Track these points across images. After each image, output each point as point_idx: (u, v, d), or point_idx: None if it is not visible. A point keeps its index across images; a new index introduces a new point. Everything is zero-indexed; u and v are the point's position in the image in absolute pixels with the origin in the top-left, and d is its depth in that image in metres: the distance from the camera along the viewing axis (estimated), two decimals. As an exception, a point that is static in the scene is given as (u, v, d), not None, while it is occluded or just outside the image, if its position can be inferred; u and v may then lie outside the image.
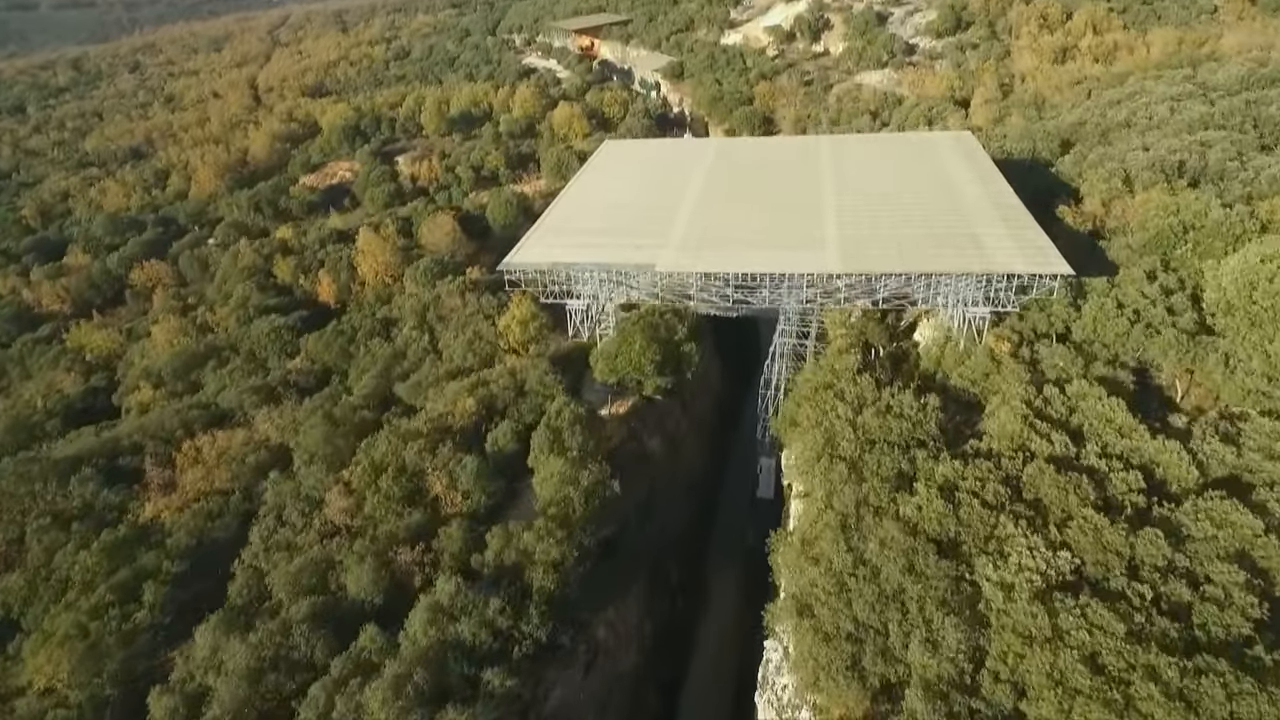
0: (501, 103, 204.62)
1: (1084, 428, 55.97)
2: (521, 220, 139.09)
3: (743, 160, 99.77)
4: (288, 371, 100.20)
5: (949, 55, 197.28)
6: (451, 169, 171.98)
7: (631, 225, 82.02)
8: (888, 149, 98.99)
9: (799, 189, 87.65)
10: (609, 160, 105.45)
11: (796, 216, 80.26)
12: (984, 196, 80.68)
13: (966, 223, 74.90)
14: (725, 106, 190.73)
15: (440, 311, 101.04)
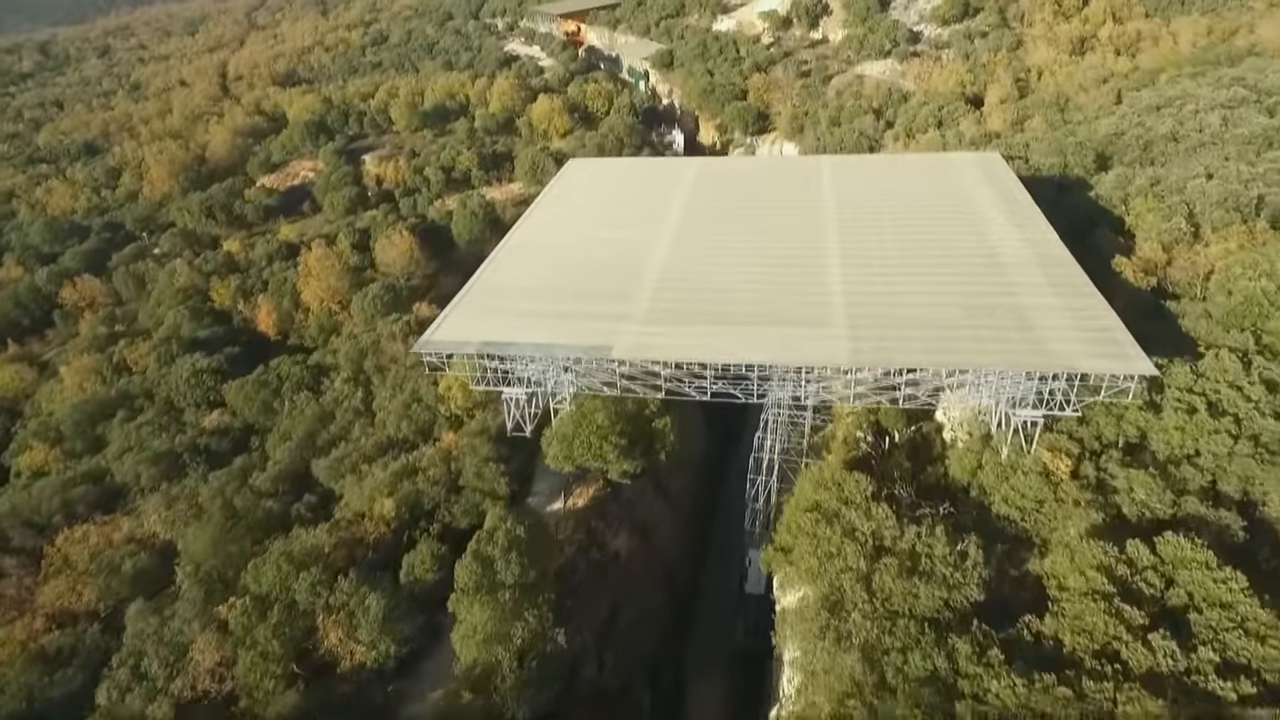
0: (479, 95, 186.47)
1: (1189, 612, 39.73)
2: (489, 235, 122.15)
3: (729, 190, 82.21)
4: (201, 430, 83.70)
5: (956, 44, 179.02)
6: (420, 170, 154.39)
7: (588, 284, 64.62)
8: (902, 176, 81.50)
9: (797, 234, 70.54)
10: (570, 187, 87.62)
11: (795, 276, 62.88)
12: (1025, 245, 63.73)
13: (1008, 286, 57.95)
14: (717, 100, 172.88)
15: (380, 360, 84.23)
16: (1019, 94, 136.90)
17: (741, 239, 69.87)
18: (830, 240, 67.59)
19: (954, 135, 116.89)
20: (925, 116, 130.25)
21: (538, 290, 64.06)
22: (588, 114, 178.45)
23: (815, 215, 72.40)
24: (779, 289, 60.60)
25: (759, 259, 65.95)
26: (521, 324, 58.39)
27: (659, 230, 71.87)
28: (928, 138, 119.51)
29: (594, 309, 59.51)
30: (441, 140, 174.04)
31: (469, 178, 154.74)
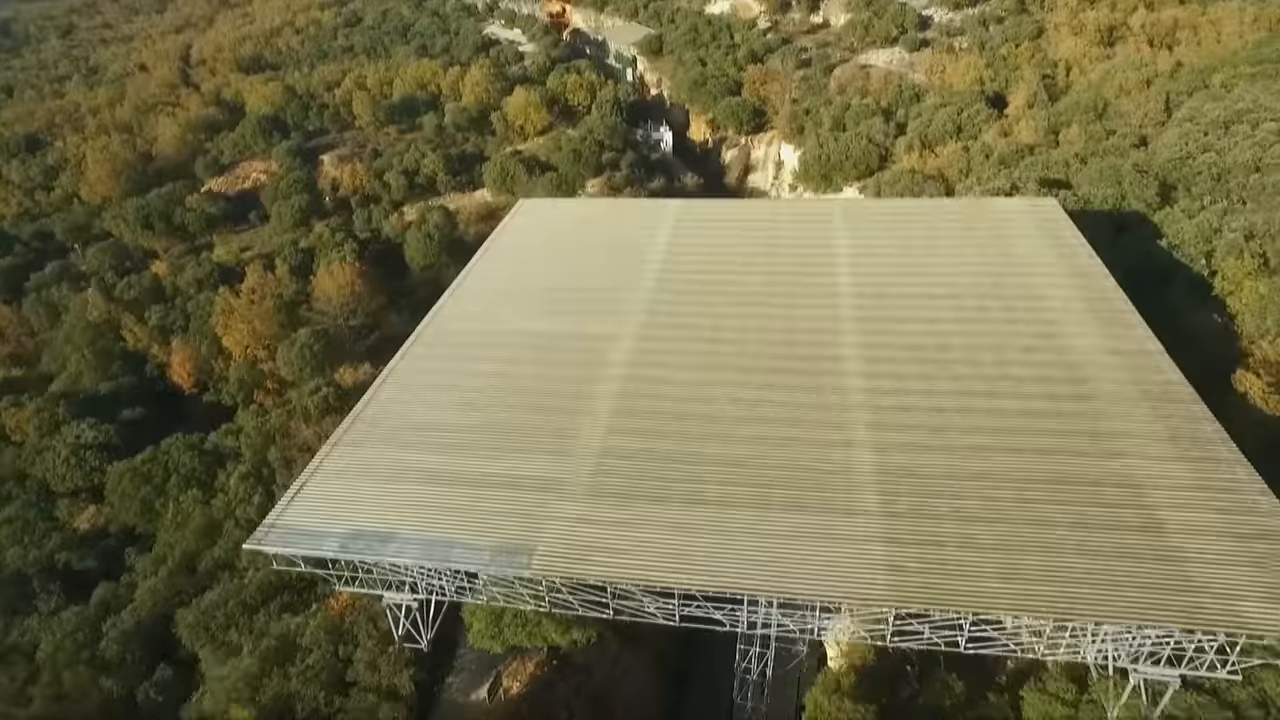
0: (451, 85, 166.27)
1: None
2: (446, 259, 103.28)
3: (714, 254, 62.28)
4: (71, 534, 65.76)
5: (970, 31, 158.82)
6: (380, 175, 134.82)
7: (510, 421, 45.73)
8: (938, 236, 61.78)
9: (806, 334, 51.38)
10: (515, 243, 67.74)
11: (804, 409, 43.96)
12: (1118, 361, 45.11)
13: (1109, 438, 39.49)
14: (709, 93, 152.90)
15: (288, 449, 66.07)
16: (1048, 95, 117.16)
17: (729, 342, 50.99)
18: (849, 345, 48.84)
19: (979, 150, 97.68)
20: (943, 122, 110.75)
21: (440, 434, 45.17)
22: (568, 108, 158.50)
23: (828, 302, 53.37)
24: (781, 437, 41.81)
25: (753, 377, 47.05)
26: (409, 499, 39.81)
27: (619, 322, 52.98)
28: (948, 152, 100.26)
29: (514, 470, 40.90)
30: (409, 137, 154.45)
31: (435, 183, 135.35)
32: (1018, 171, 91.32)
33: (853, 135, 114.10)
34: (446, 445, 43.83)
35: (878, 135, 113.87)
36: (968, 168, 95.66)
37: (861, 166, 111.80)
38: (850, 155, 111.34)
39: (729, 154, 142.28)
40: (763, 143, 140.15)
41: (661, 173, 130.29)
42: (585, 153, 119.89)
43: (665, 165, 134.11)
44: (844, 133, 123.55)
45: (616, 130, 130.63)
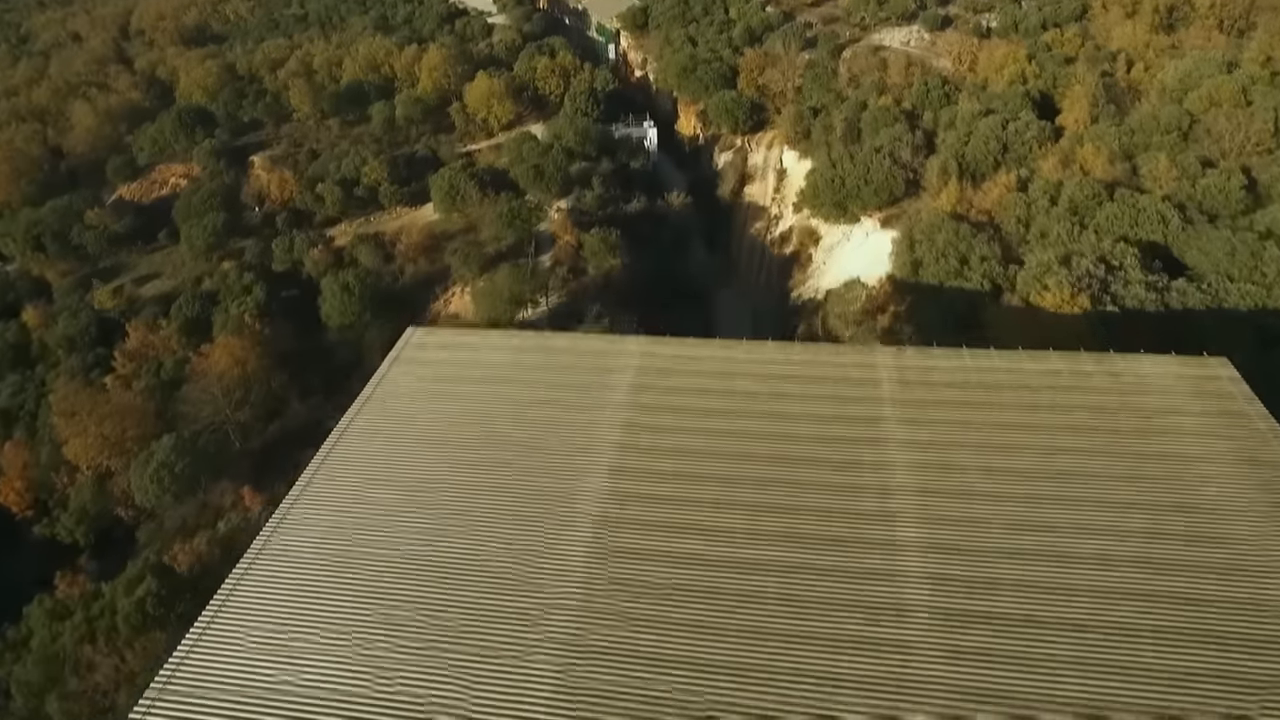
0: (407, 67, 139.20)
1: None
2: (369, 320, 79.24)
3: (692, 458, 35.88)
4: None
5: (1001, 9, 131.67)
6: (314, 184, 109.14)
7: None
8: (1057, 437, 34.93)
9: (848, 661, 27.41)
10: (394, 411, 41.05)
11: None
12: None
13: None
14: (699, 81, 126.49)
15: (77, 704, 42.55)
16: (1111, 102, 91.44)
17: (721, 649, 27.11)
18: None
19: (1040, 191, 72.60)
20: (985, 138, 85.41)
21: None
22: (539, 97, 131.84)
23: (883, 565, 28.63)
24: None
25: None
26: None
27: (534, 595, 28.58)
28: (999, 189, 75.29)
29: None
30: (356, 131, 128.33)
31: (377, 194, 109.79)
32: (1097, 221, 66.67)
33: (871, 151, 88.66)
34: None
35: (903, 152, 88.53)
36: (1028, 215, 70.83)
37: (884, 194, 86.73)
38: (870, 180, 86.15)
39: (722, 157, 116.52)
40: (762, 145, 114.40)
41: (642, 188, 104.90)
42: (550, 167, 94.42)
43: (647, 177, 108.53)
44: (860, 146, 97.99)
45: (590, 135, 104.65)
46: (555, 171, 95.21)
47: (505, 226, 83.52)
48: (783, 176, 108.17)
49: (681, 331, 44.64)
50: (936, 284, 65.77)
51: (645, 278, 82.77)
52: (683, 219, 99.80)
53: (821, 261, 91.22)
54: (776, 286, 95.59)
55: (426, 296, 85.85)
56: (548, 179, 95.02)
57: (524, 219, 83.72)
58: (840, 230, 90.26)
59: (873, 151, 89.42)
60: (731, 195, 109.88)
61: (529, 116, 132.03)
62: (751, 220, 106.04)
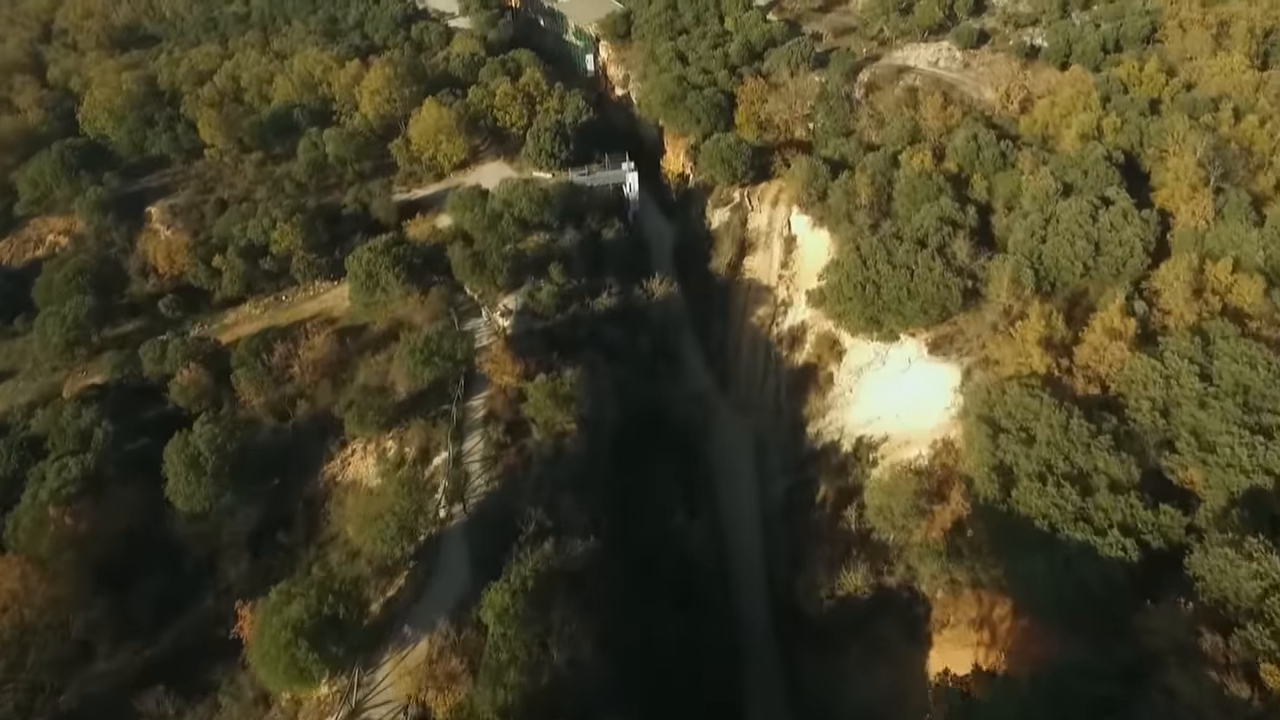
0: (347, 87, 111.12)
1: None
2: (231, 502, 53.22)
3: None
4: None
5: (1049, 24, 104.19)
6: (210, 256, 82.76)
7: None
8: None
9: None
10: None
11: None
12: None
13: None
14: (688, 113, 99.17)
15: None
16: (1225, 175, 65.24)
17: None
18: None
19: (1183, 363, 46.71)
20: (1068, 238, 59.24)
21: None
22: (498, 129, 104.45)
23: None
24: None
25: None
26: None
27: None
28: (1110, 345, 49.31)
29: None
30: (280, 170, 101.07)
31: (289, 267, 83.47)
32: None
33: (913, 246, 62.48)
34: None
35: (958, 249, 62.23)
36: (1167, 395, 44.98)
37: (935, 310, 60.74)
38: (917, 290, 60.09)
39: (717, 214, 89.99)
40: (765, 201, 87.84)
41: (617, 264, 78.78)
42: (493, 257, 68.18)
43: (624, 250, 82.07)
44: (893, 221, 71.79)
45: (550, 198, 77.99)
46: (501, 261, 68.82)
47: (421, 365, 57.46)
48: (792, 246, 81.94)
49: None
50: (1039, 524, 40.27)
51: (612, 432, 57.11)
52: (667, 313, 73.80)
53: (847, 386, 65.68)
54: (787, 408, 70.16)
55: (320, 451, 60.15)
56: (491, 270, 68.66)
57: (447, 356, 57.62)
58: (872, 348, 64.57)
59: (914, 246, 63.19)
60: (729, 270, 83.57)
61: (487, 152, 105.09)
62: (753, 304, 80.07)
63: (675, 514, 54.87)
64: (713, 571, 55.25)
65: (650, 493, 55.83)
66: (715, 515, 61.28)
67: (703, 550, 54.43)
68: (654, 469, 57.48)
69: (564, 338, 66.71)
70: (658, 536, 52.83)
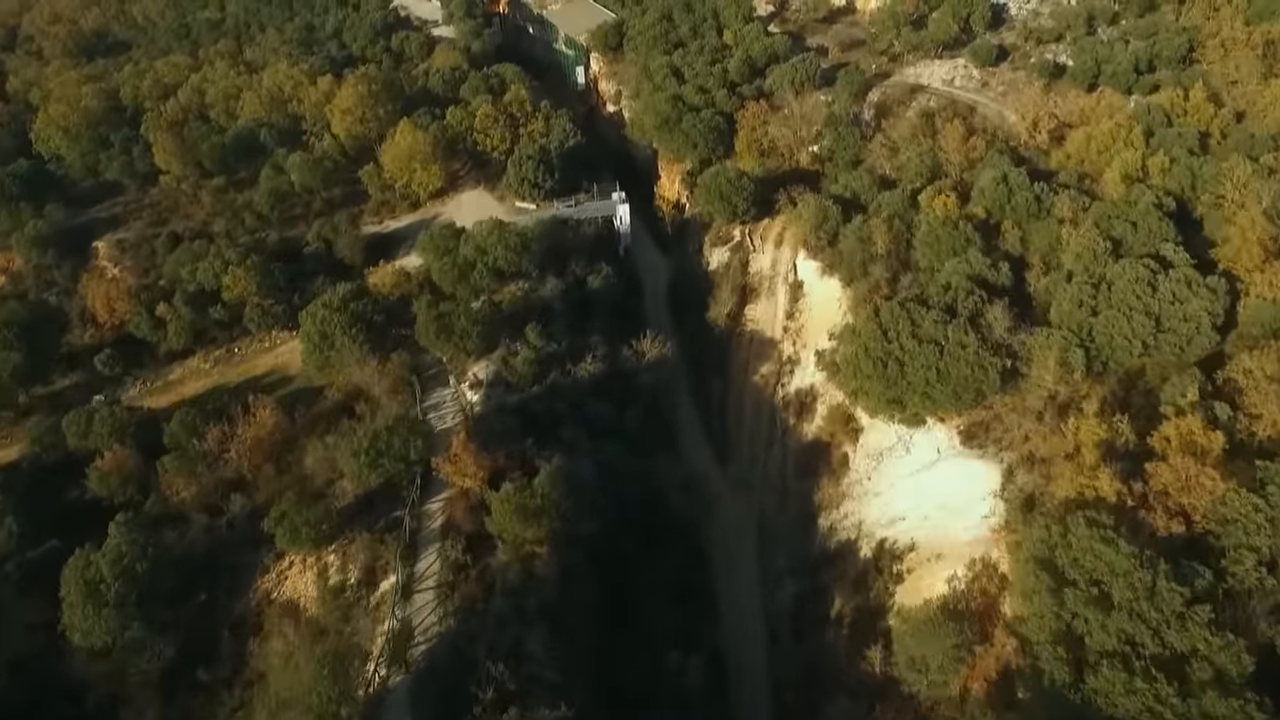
0: (317, 105, 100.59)
1: None
2: (136, 634, 42.89)
3: None
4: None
5: (1074, 40, 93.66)
6: (155, 303, 72.66)
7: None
8: None
9: None
10: None
11: None
12: None
13: None
14: (684, 137, 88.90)
15: None
16: None
17: None
18: None
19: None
20: (1123, 313, 49.32)
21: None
22: (478, 154, 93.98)
23: None
24: None
25: None
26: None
27: None
28: (1189, 467, 39.21)
29: None
30: (242, 199, 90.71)
31: (241, 316, 73.29)
32: None
33: (941, 318, 52.40)
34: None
35: (995, 322, 52.20)
36: (1275, 544, 35.06)
37: (969, 394, 50.76)
38: (947, 373, 50.11)
39: (715, 254, 79.99)
40: (769, 240, 77.79)
41: (604, 317, 68.67)
42: (461, 321, 58.07)
43: (612, 298, 71.83)
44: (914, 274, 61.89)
45: (529, 243, 67.75)
46: (470, 325, 58.73)
47: (367, 470, 47.51)
48: (798, 294, 71.93)
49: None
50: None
51: (594, 540, 47.28)
52: (660, 374, 63.83)
53: (864, 473, 55.88)
54: (795, 489, 60.32)
55: (255, 559, 50.28)
56: (459, 335, 58.58)
57: (399, 457, 47.67)
58: (894, 431, 54.55)
59: (943, 315, 53.12)
60: (728, 320, 73.50)
61: (466, 179, 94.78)
62: (755, 360, 70.09)
63: (670, 648, 45.04)
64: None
65: (640, 620, 46.07)
66: (716, 633, 51.45)
67: (701, 694, 44.59)
68: (645, 589, 47.66)
69: (541, 415, 56.75)
70: (649, 682, 43.09)
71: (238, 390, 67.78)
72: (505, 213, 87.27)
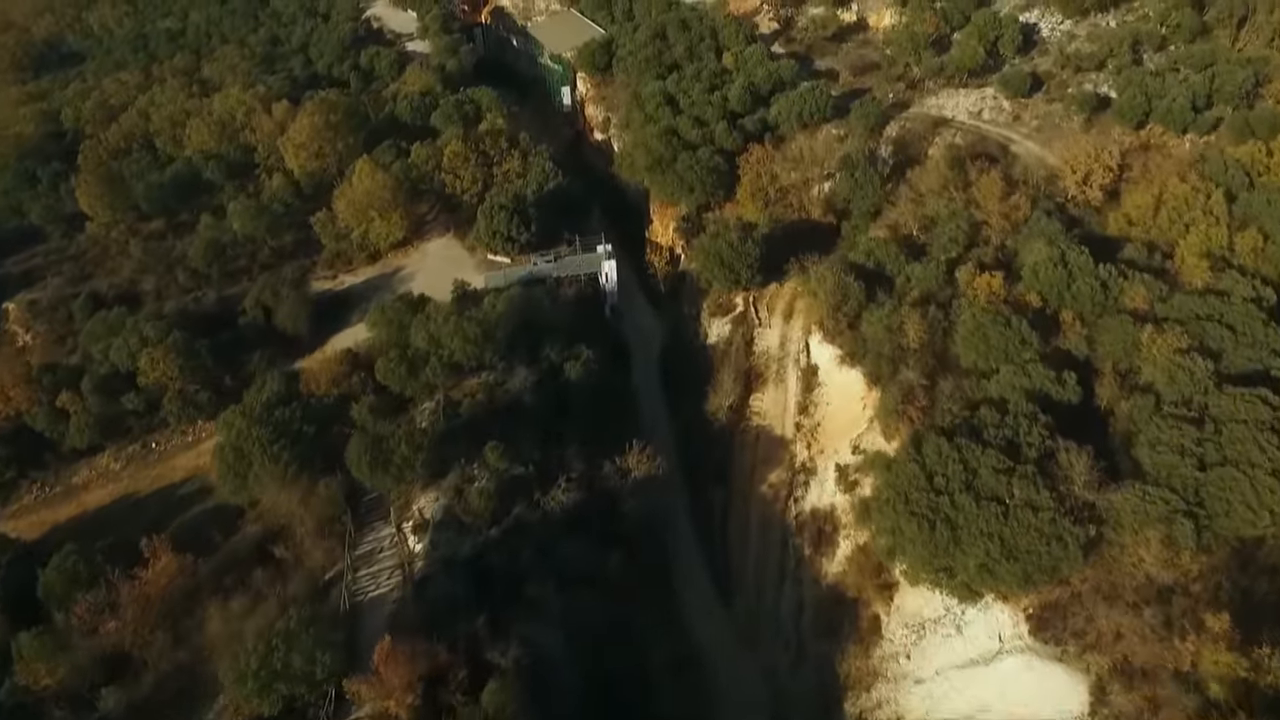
0: (271, 135, 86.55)
1: None
2: None
3: None
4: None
5: (1118, 69, 79.72)
6: (57, 390, 59.07)
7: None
8: None
9: None
10: None
11: None
12: None
13: None
14: (679, 181, 75.15)
15: None
16: None
17: None
18: None
19: None
20: (1245, 473, 35.94)
21: None
22: (447, 198, 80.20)
23: None
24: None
25: None
26: None
27: None
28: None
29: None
30: (180, 248, 77.06)
31: (163, 398, 59.93)
32: None
33: (1002, 465, 39.10)
34: None
35: (1076, 479, 38.84)
36: None
37: (1043, 573, 37.58)
38: (1015, 546, 36.85)
39: (715, 325, 66.67)
40: (777, 312, 64.47)
41: (581, 422, 55.20)
42: (402, 448, 44.97)
43: (591, 395, 58.10)
44: (955, 377, 48.70)
45: (493, 333, 54.31)
46: (413, 453, 45.43)
47: (256, 696, 34.38)
48: (813, 382, 58.76)
49: None
50: None
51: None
52: (651, 497, 50.71)
53: (901, 647, 43.01)
54: (813, 651, 47.30)
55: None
56: (399, 466, 45.29)
57: (301, 677, 34.60)
58: (940, 600, 41.44)
59: (1002, 461, 39.95)
60: (731, 414, 60.21)
61: (434, 224, 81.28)
62: (763, 465, 56.98)
63: None
64: None
65: None
66: None
67: None
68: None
69: (500, 569, 43.67)
70: None
71: (146, 505, 54.86)
72: (476, 266, 74.23)
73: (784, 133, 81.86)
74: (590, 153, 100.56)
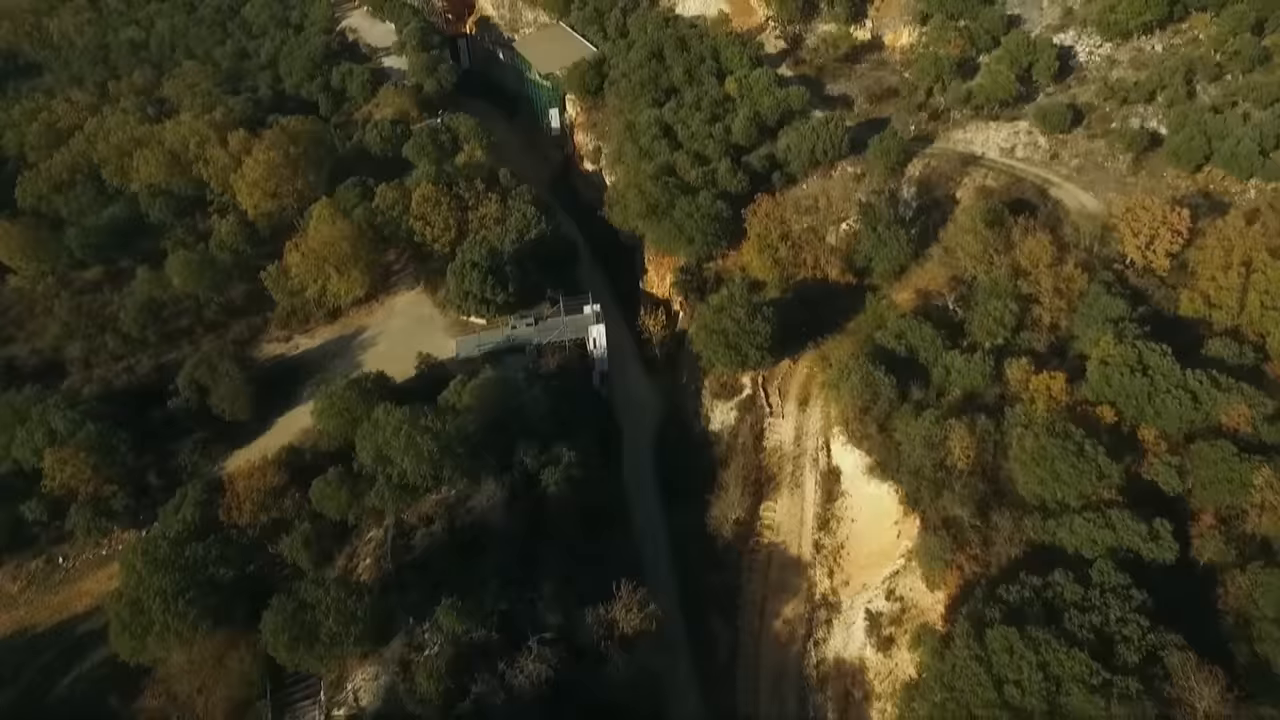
0: (225, 169, 75.06)
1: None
2: None
3: None
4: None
5: (1169, 103, 68.25)
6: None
7: None
8: None
9: None
10: None
11: None
12: None
13: None
14: (677, 231, 63.91)
15: None
16: None
17: None
18: None
19: None
20: None
21: None
22: (419, 248, 69.02)
23: None
24: None
25: None
26: None
27: None
28: None
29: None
30: (113, 307, 65.78)
31: (67, 511, 48.96)
32: None
33: (1093, 675, 28.39)
34: None
35: (1197, 709, 28.08)
36: None
37: None
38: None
39: (719, 410, 56.07)
40: (790, 397, 53.75)
41: (557, 547, 44.44)
42: (330, 606, 33.98)
43: (572, 508, 47.25)
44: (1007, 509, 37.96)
45: (450, 447, 43.24)
46: (346, 627, 34.74)
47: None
48: (834, 489, 48.20)
49: None
50: None
51: None
52: (645, 653, 40.25)
53: None
54: None
55: None
56: (326, 641, 34.61)
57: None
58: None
59: (1092, 668, 29.25)
60: (737, 529, 49.46)
61: (402, 276, 70.20)
62: (775, 596, 46.59)
63: None
64: None
65: None
66: None
67: None
68: None
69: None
70: None
71: (42, 643, 44.44)
72: (447, 328, 63.59)
73: (794, 171, 70.99)
74: (580, 183, 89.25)
